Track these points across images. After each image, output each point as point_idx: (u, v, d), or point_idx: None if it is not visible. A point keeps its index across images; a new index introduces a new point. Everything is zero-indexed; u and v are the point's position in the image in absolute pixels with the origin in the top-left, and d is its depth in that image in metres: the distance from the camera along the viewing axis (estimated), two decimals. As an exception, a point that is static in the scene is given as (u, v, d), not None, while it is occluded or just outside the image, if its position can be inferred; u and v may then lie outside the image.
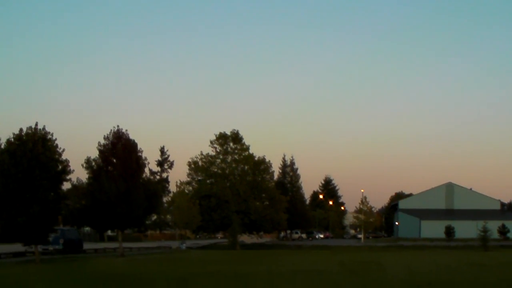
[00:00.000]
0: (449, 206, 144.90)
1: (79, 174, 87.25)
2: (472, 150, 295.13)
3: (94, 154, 61.92)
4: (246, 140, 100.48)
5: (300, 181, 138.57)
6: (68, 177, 50.41)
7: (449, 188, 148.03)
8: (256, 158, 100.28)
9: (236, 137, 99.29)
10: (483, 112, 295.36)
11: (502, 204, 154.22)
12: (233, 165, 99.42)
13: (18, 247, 55.73)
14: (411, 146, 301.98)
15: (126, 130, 62.79)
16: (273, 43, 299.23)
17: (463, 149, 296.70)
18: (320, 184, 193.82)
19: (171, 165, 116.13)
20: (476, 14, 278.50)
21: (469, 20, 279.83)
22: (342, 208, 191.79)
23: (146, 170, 69.28)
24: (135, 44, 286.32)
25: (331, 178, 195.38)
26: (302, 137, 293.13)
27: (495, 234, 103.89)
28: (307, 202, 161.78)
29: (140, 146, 63.56)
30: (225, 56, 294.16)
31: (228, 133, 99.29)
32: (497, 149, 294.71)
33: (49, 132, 48.30)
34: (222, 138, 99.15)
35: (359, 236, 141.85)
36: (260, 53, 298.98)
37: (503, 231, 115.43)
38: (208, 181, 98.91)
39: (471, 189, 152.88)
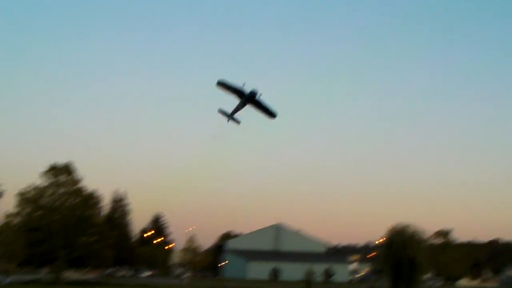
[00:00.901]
0: (277, 247, 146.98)
1: None
2: (302, 192, 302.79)
3: None
4: (81, 171, 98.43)
5: (129, 217, 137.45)
6: None
7: (278, 229, 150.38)
8: (86, 192, 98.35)
9: (68, 169, 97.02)
10: (311, 154, 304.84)
11: (328, 248, 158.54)
12: (63, 198, 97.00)
13: None
14: (242, 185, 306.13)
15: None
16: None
17: (293, 191, 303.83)
18: (150, 221, 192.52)
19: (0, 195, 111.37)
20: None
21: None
22: (170, 245, 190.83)
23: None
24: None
25: (161, 214, 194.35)
26: (136, 172, 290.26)
27: (320, 277, 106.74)
28: (136, 238, 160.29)
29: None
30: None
31: (62, 164, 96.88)
32: (325, 191, 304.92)
33: None
34: (53, 170, 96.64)
35: (185, 275, 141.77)
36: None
37: (328, 274, 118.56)
38: (37, 213, 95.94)
39: (299, 231, 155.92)
